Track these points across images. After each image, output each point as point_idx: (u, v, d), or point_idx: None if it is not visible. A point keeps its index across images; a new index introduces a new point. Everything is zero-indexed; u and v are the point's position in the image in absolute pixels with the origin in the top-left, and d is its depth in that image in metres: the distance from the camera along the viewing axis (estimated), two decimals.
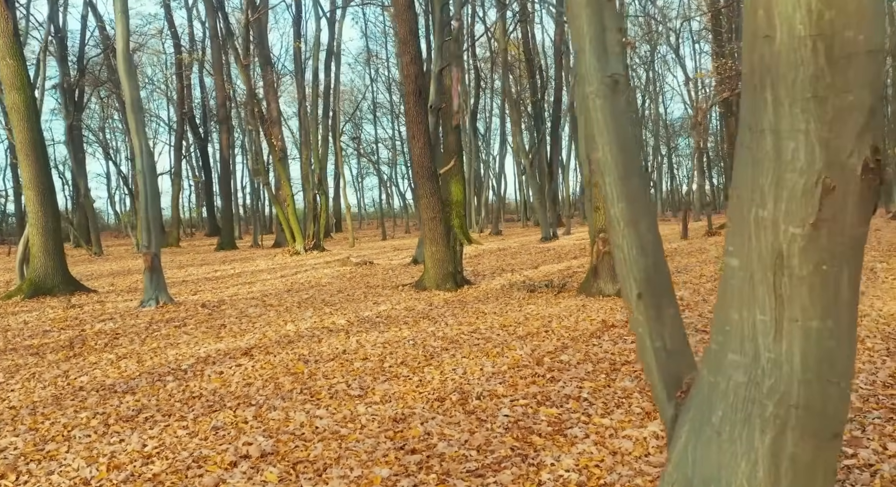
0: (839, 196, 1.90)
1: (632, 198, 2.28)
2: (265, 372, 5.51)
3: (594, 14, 2.26)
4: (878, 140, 1.92)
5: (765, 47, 1.91)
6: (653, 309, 2.30)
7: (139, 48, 37.69)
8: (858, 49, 1.85)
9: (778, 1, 1.86)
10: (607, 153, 2.27)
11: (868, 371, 4.71)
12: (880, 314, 6.70)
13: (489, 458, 3.53)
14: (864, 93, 1.87)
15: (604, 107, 2.26)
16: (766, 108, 1.93)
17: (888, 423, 3.70)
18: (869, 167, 1.91)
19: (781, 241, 1.94)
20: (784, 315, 1.97)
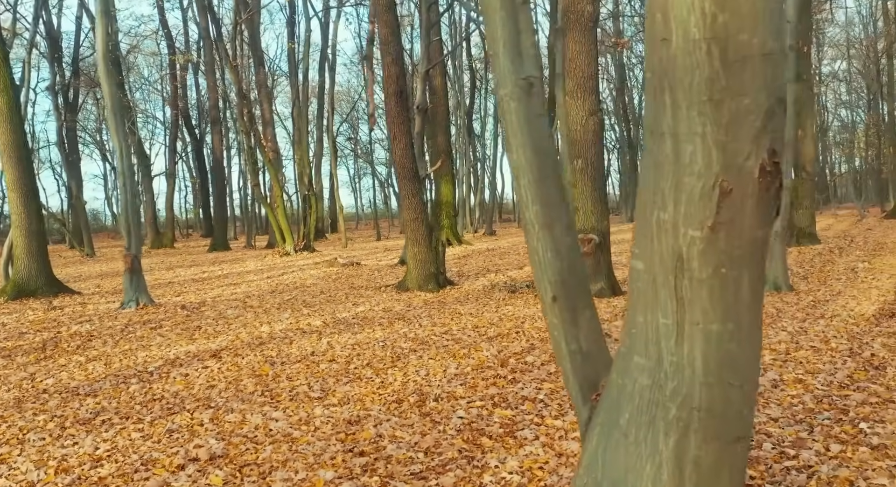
0: (737, 199, 1.91)
1: (547, 201, 2.28)
2: (230, 374, 5.51)
3: (508, 17, 2.26)
4: (776, 143, 1.92)
5: (663, 50, 1.91)
6: (568, 312, 2.30)
7: (134, 49, 37.71)
8: (753, 52, 1.85)
9: (674, 4, 1.86)
10: (521, 156, 2.27)
11: (827, 371, 4.70)
12: (851, 314, 6.70)
13: (436, 460, 3.53)
14: (760, 97, 1.87)
15: (518, 109, 2.26)
16: (665, 112, 1.93)
17: (836, 424, 3.70)
18: (766, 170, 1.91)
19: (681, 244, 1.94)
20: (685, 318, 1.97)
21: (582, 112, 9.11)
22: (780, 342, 5.63)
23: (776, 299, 7.88)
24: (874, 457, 3.22)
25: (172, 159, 34.55)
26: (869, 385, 4.36)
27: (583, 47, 9.07)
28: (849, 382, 4.45)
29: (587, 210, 9.13)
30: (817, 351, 5.27)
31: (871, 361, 4.90)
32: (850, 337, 5.69)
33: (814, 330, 6.02)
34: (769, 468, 3.20)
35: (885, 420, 3.72)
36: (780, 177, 1.94)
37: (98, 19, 9.65)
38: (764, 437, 3.57)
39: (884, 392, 4.20)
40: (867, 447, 3.36)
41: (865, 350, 5.23)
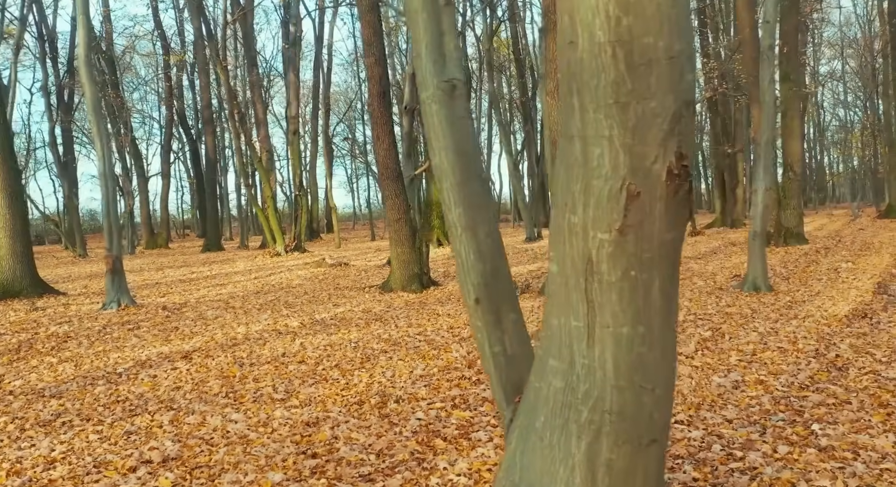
0: (645, 202, 1.90)
1: (470, 204, 2.27)
2: (198, 376, 5.51)
3: (430, 19, 2.26)
4: (684, 146, 1.92)
5: (570, 53, 1.91)
6: (491, 314, 2.30)
7: (129, 50, 37.69)
8: (659, 55, 1.84)
9: (579, 7, 1.86)
10: (443, 158, 2.27)
11: (790, 372, 4.70)
12: (824, 315, 6.70)
13: (386, 463, 3.53)
14: (667, 100, 1.87)
15: (440, 112, 2.25)
16: (574, 114, 1.93)
17: (790, 426, 3.69)
18: (673, 173, 1.90)
19: (590, 247, 1.94)
20: (596, 321, 1.97)
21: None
22: (748, 343, 5.63)
23: (754, 300, 7.88)
24: (820, 459, 3.22)
25: (167, 159, 34.52)
26: (829, 386, 4.36)
27: None
28: (809, 383, 4.44)
29: None
30: (784, 351, 5.27)
31: (835, 362, 4.90)
32: (820, 338, 5.68)
33: (784, 331, 6.02)
34: (714, 470, 3.19)
35: (839, 421, 3.72)
36: (689, 180, 1.93)
37: (80, 21, 9.63)
38: (715, 439, 3.56)
39: (842, 393, 4.19)
40: (815, 448, 3.35)
41: (831, 351, 5.23)
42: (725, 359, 5.14)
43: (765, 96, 8.56)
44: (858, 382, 4.40)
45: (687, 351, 5.45)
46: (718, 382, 4.56)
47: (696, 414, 3.96)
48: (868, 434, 3.50)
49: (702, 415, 3.93)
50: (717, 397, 4.26)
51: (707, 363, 5.07)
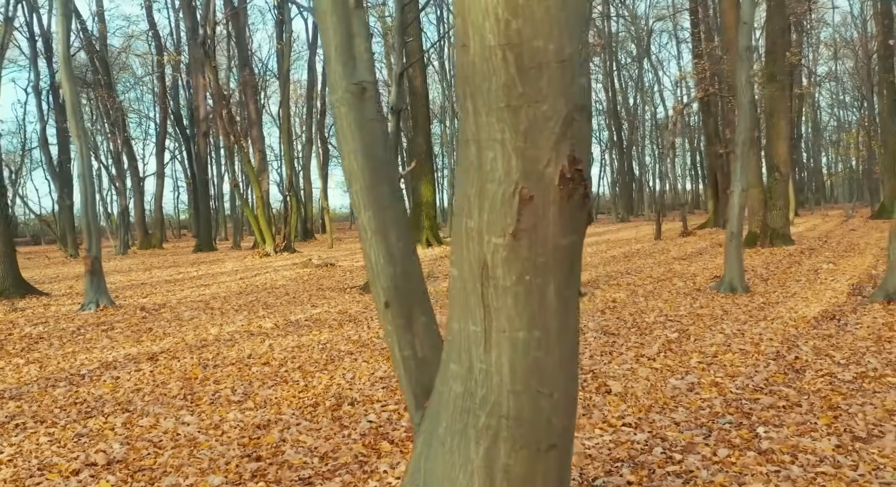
0: (538, 206, 1.89)
1: (379, 207, 2.26)
2: (161, 378, 5.50)
3: (340, 22, 2.25)
4: (578, 149, 1.91)
5: (464, 56, 1.90)
6: (401, 317, 2.29)
7: (125, 50, 37.67)
8: (549, 59, 1.83)
9: (470, 9, 1.85)
10: (353, 161, 2.25)
11: (747, 374, 4.69)
12: (794, 316, 6.69)
13: (329, 466, 3.52)
14: (558, 103, 1.86)
15: (349, 115, 2.24)
16: (469, 118, 1.92)
17: (735, 429, 3.68)
18: (566, 177, 1.89)
19: (486, 252, 1.93)
20: (492, 325, 1.95)
21: None
22: (712, 345, 5.62)
23: (728, 301, 7.87)
24: (757, 462, 3.21)
25: (161, 159, 34.52)
26: (782, 388, 4.35)
27: None
28: (764, 386, 4.43)
29: None
30: (745, 354, 5.26)
31: (794, 364, 4.89)
32: (784, 340, 5.67)
33: (751, 333, 6.01)
34: (651, 473, 3.18)
35: (785, 424, 3.71)
36: (584, 184, 1.92)
37: (59, 21, 9.63)
38: (658, 441, 3.55)
39: (794, 395, 4.19)
40: (755, 452, 3.34)
41: (792, 353, 5.22)
42: (686, 361, 5.13)
43: (742, 97, 8.55)
44: (813, 385, 4.39)
45: (650, 352, 5.44)
46: (674, 384, 4.55)
47: (645, 417, 3.95)
48: (811, 437, 3.49)
49: (651, 418, 3.92)
50: (670, 399, 4.25)
51: (667, 365, 5.06)
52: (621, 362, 5.21)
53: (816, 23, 38.16)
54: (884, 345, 5.29)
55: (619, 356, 5.41)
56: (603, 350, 5.64)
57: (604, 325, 6.68)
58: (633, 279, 10.51)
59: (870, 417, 3.73)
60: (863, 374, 4.55)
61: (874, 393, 4.16)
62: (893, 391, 4.18)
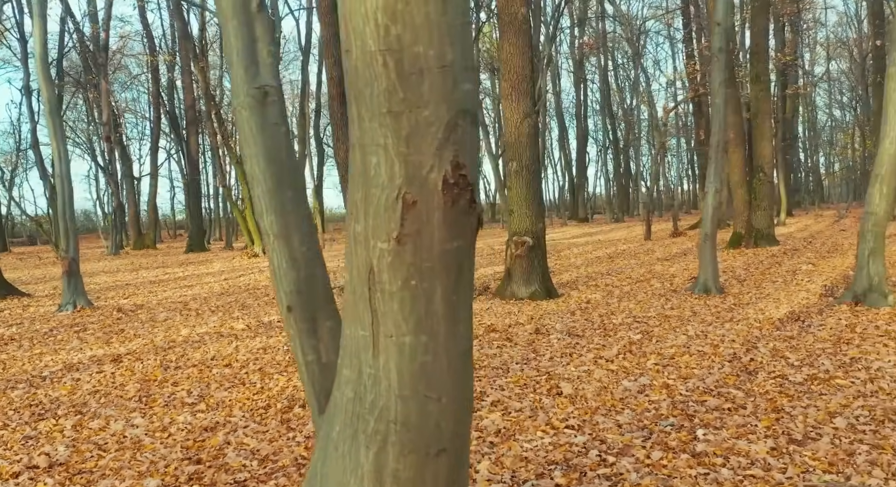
0: (422, 211, 1.89)
1: (282, 211, 2.26)
2: (121, 379, 5.50)
3: (242, 25, 2.25)
4: (462, 155, 1.91)
5: (347, 61, 1.90)
6: (305, 322, 2.29)
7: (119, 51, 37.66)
8: (430, 64, 1.83)
9: (352, 15, 1.85)
10: (255, 165, 2.26)
11: (699, 376, 4.69)
12: (760, 318, 6.69)
13: (267, 468, 3.52)
14: (440, 109, 1.86)
15: (251, 119, 2.24)
16: (354, 123, 1.92)
17: (676, 431, 3.69)
18: (450, 183, 1.90)
19: (372, 256, 1.93)
20: (380, 330, 1.95)
21: (517, 114, 9.09)
22: (672, 346, 5.63)
23: (700, 302, 7.87)
24: (688, 465, 3.21)
25: (154, 159, 34.52)
26: (732, 390, 4.35)
27: (516, 49, 9.06)
28: (714, 387, 4.43)
29: (522, 212, 9.11)
30: (702, 355, 5.27)
31: (748, 366, 4.90)
32: (745, 342, 5.68)
33: (714, 334, 6.01)
34: (583, 475, 3.19)
35: (726, 426, 3.71)
36: (469, 189, 1.92)
37: (35, 22, 9.62)
38: (597, 444, 3.56)
39: (741, 397, 4.19)
40: (689, 454, 3.35)
41: (750, 355, 5.22)
42: (643, 363, 5.13)
43: (715, 98, 8.56)
44: (762, 387, 4.39)
45: (609, 354, 5.44)
46: (626, 386, 4.55)
47: (589, 419, 3.95)
48: (748, 440, 3.49)
49: (595, 420, 3.93)
50: (619, 401, 4.25)
51: (624, 367, 5.07)
52: (579, 364, 5.21)
53: (812, 23, 38.15)
54: (841, 347, 5.29)
55: (578, 357, 5.41)
56: (564, 351, 5.64)
57: (571, 327, 6.68)
58: (613, 280, 10.51)
59: (811, 419, 3.73)
60: (814, 376, 4.56)
61: (820, 395, 4.16)
62: (840, 393, 4.18)
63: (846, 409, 3.88)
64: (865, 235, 7.02)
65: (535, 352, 5.65)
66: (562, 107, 46.36)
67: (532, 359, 5.42)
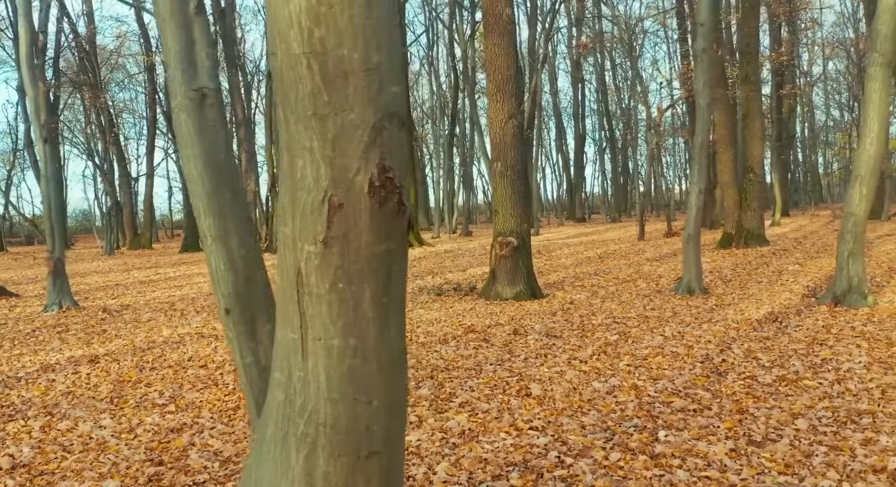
0: (349, 214, 1.89)
1: (220, 213, 2.26)
2: (96, 380, 5.50)
3: (180, 28, 2.25)
4: (389, 158, 1.91)
5: (274, 64, 1.90)
6: (244, 325, 2.29)
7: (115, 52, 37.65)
8: (355, 67, 1.83)
9: (276, 18, 1.85)
10: (193, 168, 2.25)
11: (669, 378, 4.70)
12: (739, 318, 6.70)
13: (228, 470, 3.52)
14: (366, 112, 1.86)
15: (188, 121, 2.24)
16: (282, 126, 1.92)
17: (639, 432, 3.69)
18: (376, 185, 1.90)
19: (300, 259, 1.93)
20: (309, 333, 1.95)
21: (501, 115, 9.10)
22: (648, 347, 5.63)
23: (683, 303, 7.87)
24: (645, 466, 3.21)
25: (151, 159, 34.52)
26: (699, 391, 4.35)
27: (501, 50, 9.06)
28: (682, 388, 4.44)
29: (507, 213, 9.12)
30: (676, 356, 5.27)
31: (719, 367, 4.90)
32: (720, 342, 5.68)
33: (691, 335, 6.01)
34: (539, 477, 3.19)
35: (689, 427, 3.71)
36: (397, 192, 1.92)
37: (20, 23, 9.62)
38: (558, 445, 3.56)
39: (708, 398, 4.19)
40: (647, 456, 3.35)
41: (723, 355, 5.22)
42: (616, 364, 5.13)
43: (699, 98, 8.56)
44: (730, 388, 4.39)
45: (583, 355, 5.45)
46: (595, 387, 4.56)
47: (554, 420, 3.95)
48: (708, 442, 3.49)
49: (560, 421, 3.93)
50: (586, 402, 4.25)
51: (596, 368, 5.07)
52: (553, 365, 5.21)
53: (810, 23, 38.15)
54: (814, 348, 5.30)
55: (553, 358, 5.41)
56: (539, 352, 5.64)
57: (550, 328, 6.68)
58: (599, 280, 10.52)
59: (773, 421, 3.73)
60: (783, 377, 4.56)
61: (787, 396, 4.16)
62: (807, 394, 4.18)
63: (810, 410, 3.89)
64: (845, 236, 7.02)
65: (510, 353, 5.65)
66: (560, 107, 46.41)
67: (507, 360, 5.43)
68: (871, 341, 5.42)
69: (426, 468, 3.36)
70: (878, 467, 3.11)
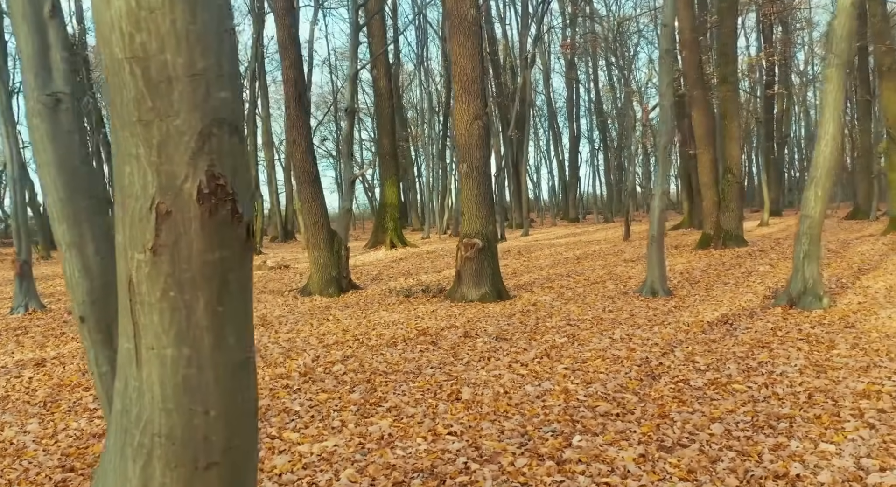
0: (178, 221, 1.86)
1: (76, 220, 2.23)
2: (36, 385, 5.46)
3: (33, 32, 2.22)
4: (218, 165, 1.87)
5: (102, 71, 1.87)
6: (99, 333, 2.26)
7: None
8: (179, 73, 1.80)
9: (100, 23, 1.82)
10: (46, 174, 2.23)
11: (602, 381, 4.67)
12: (690, 321, 6.67)
13: None
14: (192, 118, 1.83)
15: (41, 126, 2.21)
16: (113, 132, 1.89)
17: (555, 437, 3.66)
18: (205, 193, 1.87)
19: (131, 267, 1.90)
20: (142, 342, 1.93)
21: (467, 116, 9.06)
22: (592, 350, 5.60)
23: (643, 304, 7.85)
24: (548, 472, 3.19)
25: None
26: (627, 395, 4.32)
27: (466, 51, 9.03)
28: (612, 392, 4.41)
29: (472, 214, 9.09)
30: (616, 359, 5.24)
31: (655, 371, 4.87)
32: (666, 345, 5.65)
33: (639, 338, 5.98)
34: (442, 483, 3.16)
35: (605, 432, 3.68)
36: (229, 199, 1.89)
37: None
38: (470, 451, 3.53)
39: (633, 402, 4.16)
40: (554, 461, 3.32)
41: (663, 359, 5.19)
42: (555, 367, 5.10)
43: (662, 100, 8.53)
44: (660, 391, 4.36)
45: (525, 358, 5.42)
46: (527, 391, 4.53)
47: (475, 425, 3.92)
48: (619, 446, 3.46)
49: (480, 426, 3.90)
50: (513, 406, 4.22)
51: (535, 371, 5.04)
52: (493, 368, 5.18)
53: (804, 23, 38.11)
54: (754, 351, 5.27)
55: (495, 361, 5.38)
56: (484, 356, 5.62)
57: (503, 330, 6.66)
58: (570, 281, 10.49)
59: (689, 426, 3.71)
60: (715, 381, 4.53)
61: (712, 400, 4.14)
62: (732, 398, 4.15)
63: (731, 415, 3.86)
64: (801, 238, 6.99)
65: (454, 357, 5.62)
66: (554, 107, 46.38)
67: (449, 364, 5.40)
68: (813, 344, 5.39)
69: (331, 474, 3.33)
70: (780, 473, 3.08)
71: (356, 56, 15.04)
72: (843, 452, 3.28)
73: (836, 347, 5.23)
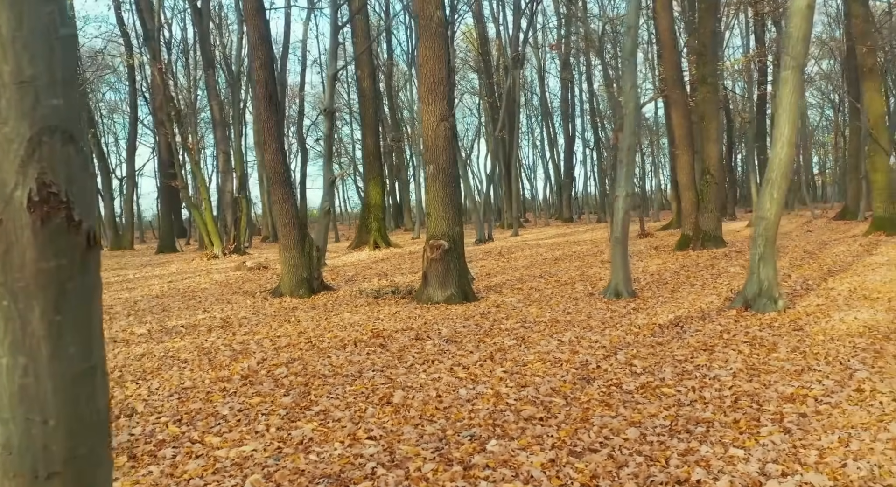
0: (9, 230, 1.85)
1: None
2: None
3: None
4: (49, 173, 1.86)
5: None
6: None
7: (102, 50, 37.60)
8: (6, 80, 1.79)
9: None
10: None
11: (537, 385, 4.65)
12: (644, 323, 6.66)
13: None
14: (21, 126, 1.82)
15: None
16: None
17: (472, 442, 3.64)
18: (35, 200, 1.86)
19: None
20: None
21: (433, 117, 9.05)
22: (536, 353, 5.59)
23: (605, 306, 7.84)
24: (452, 478, 3.18)
25: (131, 160, 34.44)
26: (556, 399, 4.31)
27: (432, 52, 9.01)
28: (542, 396, 4.40)
29: (438, 215, 9.07)
30: (556, 362, 5.23)
31: (591, 374, 4.86)
32: (611, 348, 5.64)
33: (587, 340, 5.98)
34: None
35: (522, 436, 3.67)
36: (62, 207, 1.88)
37: None
38: (384, 456, 3.52)
39: (559, 406, 4.15)
40: (462, 466, 3.31)
41: (603, 362, 5.18)
42: (495, 370, 5.09)
43: (628, 101, 8.52)
44: (590, 395, 4.35)
45: (468, 361, 5.41)
46: (460, 395, 4.52)
47: (396, 429, 3.91)
48: (531, 452, 3.46)
49: (402, 430, 3.89)
50: (441, 411, 4.22)
51: (474, 374, 5.03)
52: (434, 371, 5.17)
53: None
54: (696, 354, 5.26)
55: (438, 365, 5.37)
56: (429, 359, 5.61)
57: (456, 332, 6.65)
58: (541, 283, 10.48)
59: (605, 430, 3.70)
60: (647, 384, 4.52)
61: (638, 404, 4.13)
62: (658, 402, 4.14)
63: (652, 419, 3.85)
64: (756, 240, 6.98)
65: (399, 360, 5.61)
66: (549, 107, 46.35)
67: (392, 367, 5.39)
68: (756, 347, 5.38)
69: (239, 479, 3.32)
70: (681, 479, 3.07)
71: (335, 57, 15.04)
72: (752, 457, 3.27)
73: (777, 350, 5.22)
